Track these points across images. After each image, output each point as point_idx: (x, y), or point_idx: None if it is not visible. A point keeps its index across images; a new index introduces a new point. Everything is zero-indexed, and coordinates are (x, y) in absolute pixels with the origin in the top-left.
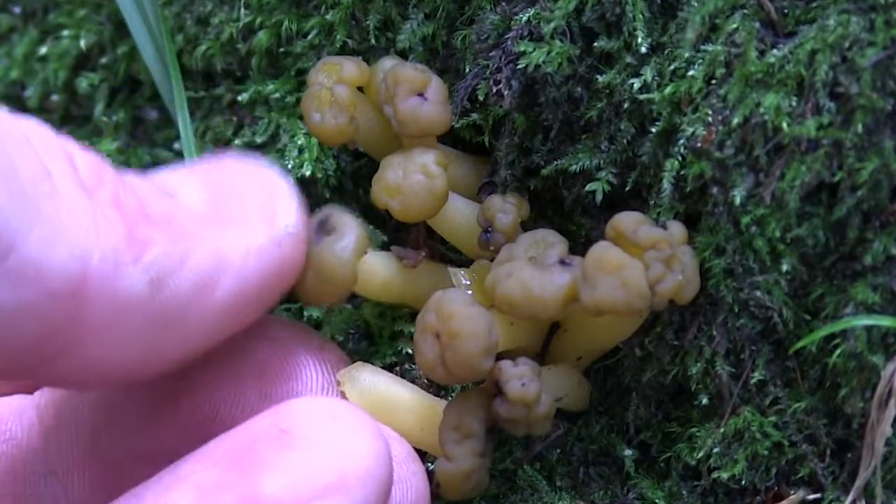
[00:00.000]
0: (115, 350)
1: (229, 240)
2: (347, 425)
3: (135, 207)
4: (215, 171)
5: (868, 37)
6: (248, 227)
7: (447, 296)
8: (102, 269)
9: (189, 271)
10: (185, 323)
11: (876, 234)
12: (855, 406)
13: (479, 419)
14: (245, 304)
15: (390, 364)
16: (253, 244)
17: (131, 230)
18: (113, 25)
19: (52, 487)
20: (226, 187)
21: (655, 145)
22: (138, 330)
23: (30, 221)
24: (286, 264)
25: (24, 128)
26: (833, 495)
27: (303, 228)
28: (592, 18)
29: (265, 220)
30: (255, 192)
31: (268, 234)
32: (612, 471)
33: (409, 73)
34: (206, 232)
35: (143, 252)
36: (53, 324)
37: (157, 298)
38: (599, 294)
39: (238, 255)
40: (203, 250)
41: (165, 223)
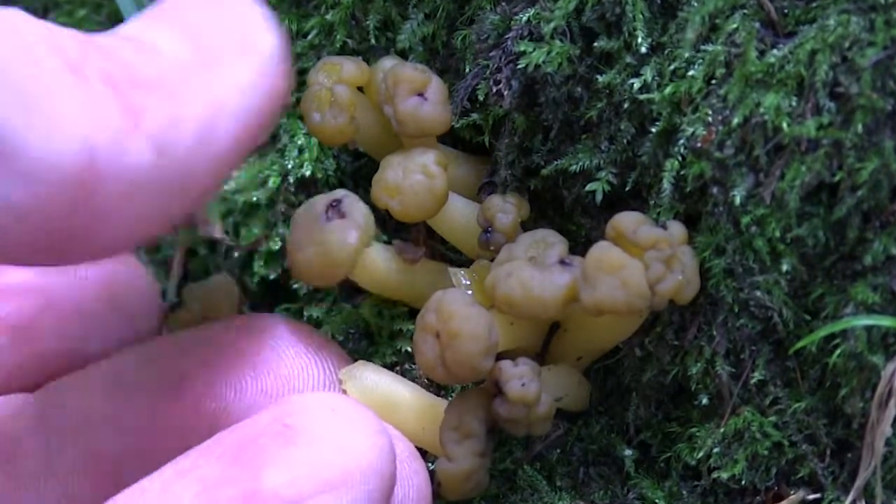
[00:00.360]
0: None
1: (219, 83)
2: (350, 420)
3: (124, 76)
4: (183, 10)
5: (868, 37)
6: (232, 63)
7: (447, 296)
8: (108, 149)
9: (189, 127)
10: (194, 176)
11: (876, 234)
12: (855, 406)
13: (480, 419)
14: (246, 140)
15: (390, 363)
16: (242, 80)
17: (126, 102)
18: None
19: (52, 485)
20: (201, 26)
21: (655, 145)
22: (152, 196)
23: (32, 119)
24: (276, 91)
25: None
26: (833, 495)
27: (283, 49)
28: (592, 18)
29: (247, 52)
30: (229, 23)
31: (253, 66)
32: (612, 471)
33: (409, 73)
34: (196, 81)
35: (141, 121)
36: (69, 212)
37: (165, 162)
38: (599, 294)
39: (230, 96)
40: (197, 102)
41: (157, 84)
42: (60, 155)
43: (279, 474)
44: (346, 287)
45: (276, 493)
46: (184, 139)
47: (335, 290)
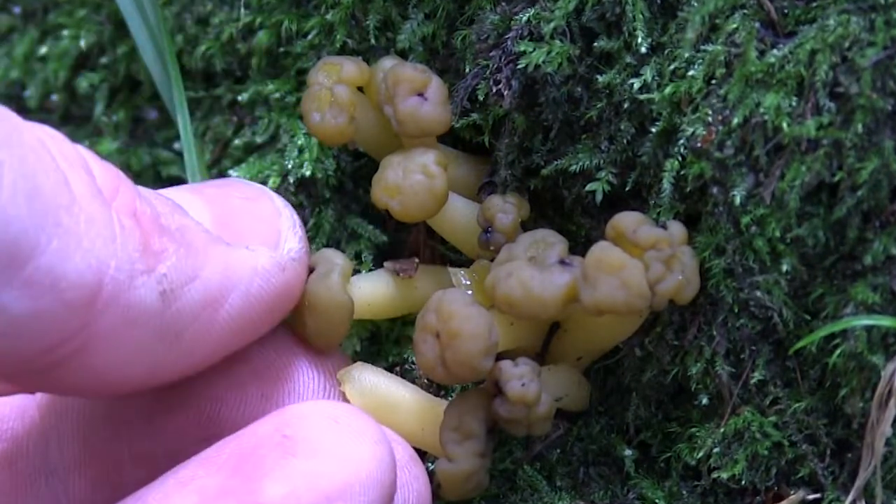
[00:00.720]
0: (123, 360)
1: (237, 259)
2: (351, 430)
3: (150, 218)
4: (219, 191)
5: (868, 37)
6: (254, 249)
7: (447, 296)
8: (117, 278)
9: (199, 285)
10: (192, 336)
11: (876, 234)
12: (855, 406)
13: (480, 420)
14: (249, 323)
15: (391, 364)
16: (259, 266)
17: (147, 240)
18: (113, 25)
19: (53, 487)
20: (231, 209)
21: (655, 145)
22: (147, 341)
23: (49, 232)
24: (289, 288)
25: (40, 135)
26: (833, 495)
27: (305, 256)
28: (592, 18)
29: (270, 244)
30: (260, 215)
31: (273, 257)
32: (612, 471)
33: (409, 73)
34: (215, 248)
35: (157, 263)
36: (66, 331)
37: (167, 310)
38: (599, 294)
39: (245, 274)
40: (213, 266)
41: (179, 236)
42: (70, 271)
43: (279, 486)
44: None
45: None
46: (191, 295)
47: None
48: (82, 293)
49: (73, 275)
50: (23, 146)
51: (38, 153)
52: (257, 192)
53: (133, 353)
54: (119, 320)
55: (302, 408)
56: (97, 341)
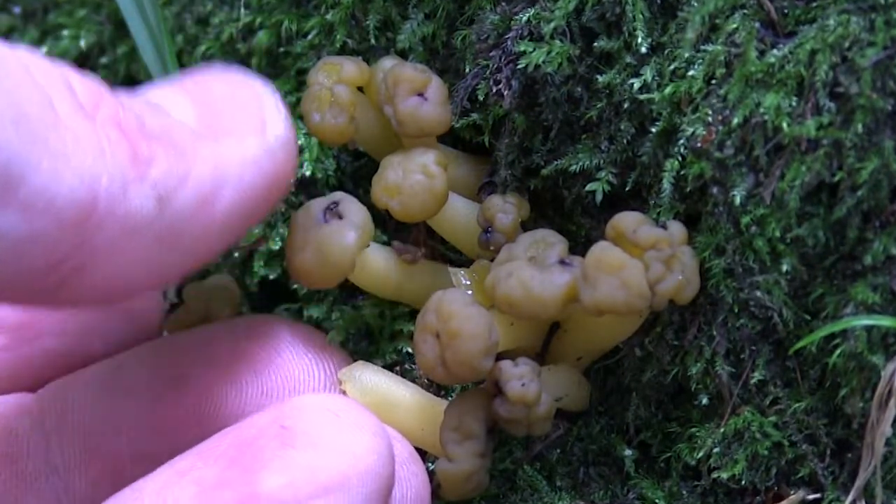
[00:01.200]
0: (126, 269)
1: (225, 153)
2: (350, 422)
3: (135, 126)
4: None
5: (868, 37)
6: (240, 139)
7: (447, 296)
8: (111, 191)
9: (192, 186)
10: (191, 235)
11: (876, 234)
12: (855, 406)
13: (480, 420)
14: (244, 214)
15: (391, 363)
16: (248, 156)
17: (135, 149)
18: (113, 25)
19: (53, 484)
20: (214, 101)
21: (655, 145)
22: (147, 247)
23: (38, 153)
24: (280, 173)
25: (21, 58)
26: (833, 495)
27: (293, 137)
28: (592, 18)
29: (256, 131)
30: (243, 104)
31: (260, 145)
32: (612, 471)
33: (409, 73)
34: (202, 145)
35: (148, 170)
36: (65, 249)
37: (163, 215)
38: (599, 294)
39: (235, 167)
40: (203, 164)
41: (165, 139)
42: (63, 190)
43: (277, 477)
44: (346, 287)
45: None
46: (185, 196)
47: (335, 291)
48: (77, 210)
49: (66, 193)
50: (7, 73)
51: (21, 78)
52: (237, 79)
53: (135, 260)
54: (117, 232)
55: (301, 400)
56: (98, 255)
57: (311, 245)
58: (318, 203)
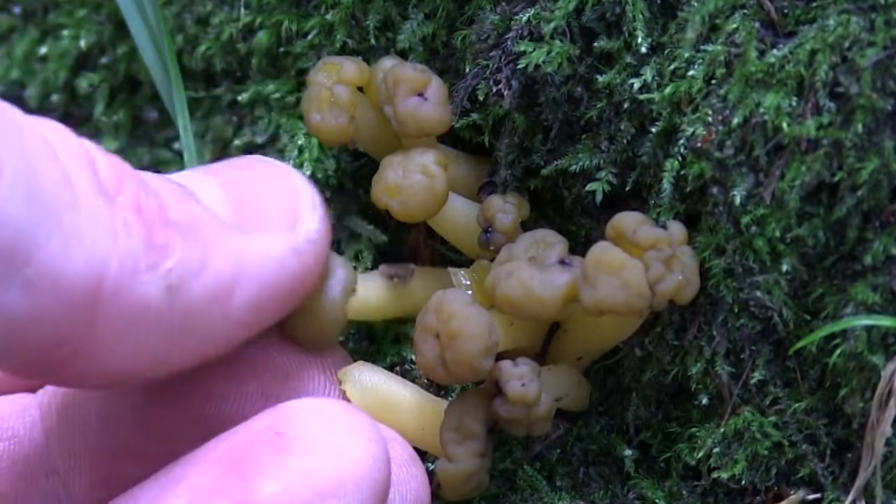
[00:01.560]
0: (129, 355)
1: (249, 247)
2: (345, 428)
3: (156, 212)
4: (237, 172)
5: (868, 37)
6: (268, 233)
7: (447, 296)
8: (120, 276)
9: (207, 278)
10: (201, 330)
11: (876, 234)
12: (855, 406)
13: (480, 420)
14: (261, 313)
15: (391, 364)
16: (273, 252)
17: (151, 236)
18: (113, 25)
19: (53, 485)
20: (247, 191)
21: (655, 145)
22: (154, 336)
23: (49, 231)
24: (305, 273)
25: (44, 130)
26: (833, 495)
27: (324, 237)
28: (592, 18)
29: (286, 226)
30: (277, 196)
31: (288, 241)
32: (612, 471)
33: (409, 73)
34: (226, 238)
35: (162, 258)
36: (69, 330)
37: (173, 305)
38: (599, 294)
39: (257, 263)
40: (222, 257)
41: (186, 228)
42: (70, 271)
43: (271, 484)
44: None
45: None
46: (199, 288)
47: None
48: (83, 292)
49: (73, 274)
50: (23, 143)
51: (39, 150)
52: (277, 170)
53: (142, 348)
54: (123, 318)
55: (295, 405)
56: (102, 339)
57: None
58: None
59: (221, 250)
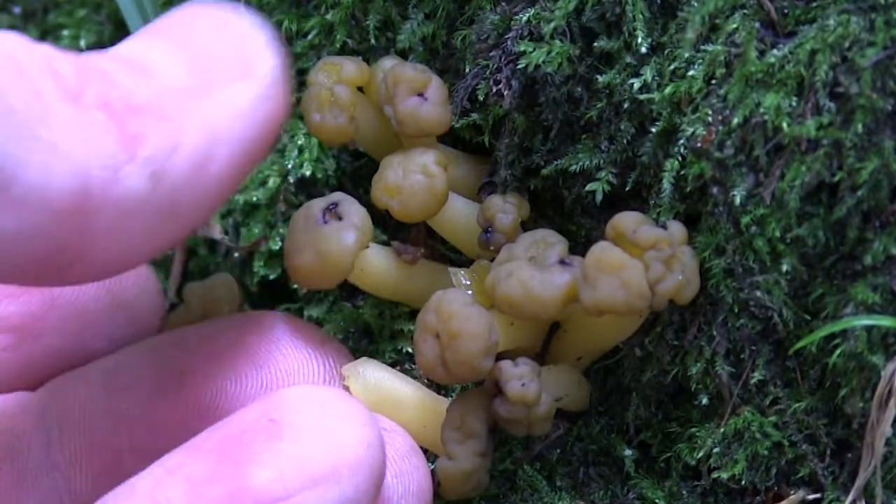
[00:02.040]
0: (128, 244)
1: (216, 108)
2: (338, 413)
3: (122, 101)
4: (184, 30)
5: (868, 37)
6: (231, 88)
7: (447, 296)
8: (102, 177)
9: (185, 153)
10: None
11: (876, 234)
12: (855, 406)
13: (482, 419)
14: (242, 166)
15: (391, 363)
16: (240, 105)
17: (122, 128)
18: (113, 25)
19: (54, 481)
20: (200, 47)
21: (655, 145)
22: (146, 222)
23: (27, 149)
24: (276, 114)
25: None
26: (833, 495)
27: (284, 71)
28: (592, 18)
29: (246, 75)
30: (231, 46)
31: (250, 92)
32: (612, 471)
33: (409, 73)
34: (193, 106)
35: (138, 147)
36: (63, 240)
37: (159, 189)
38: (599, 294)
39: (228, 121)
40: (194, 128)
41: (153, 109)
42: (56, 184)
43: (266, 471)
44: (346, 287)
45: (262, 490)
46: (180, 167)
47: (335, 291)
48: (70, 201)
49: (57, 186)
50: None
51: (6, 67)
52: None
53: (136, 236)
54: (114, 215)
55: (288, 392)
56: (98, 239)
57: (310, 246)
58: (317, 204)
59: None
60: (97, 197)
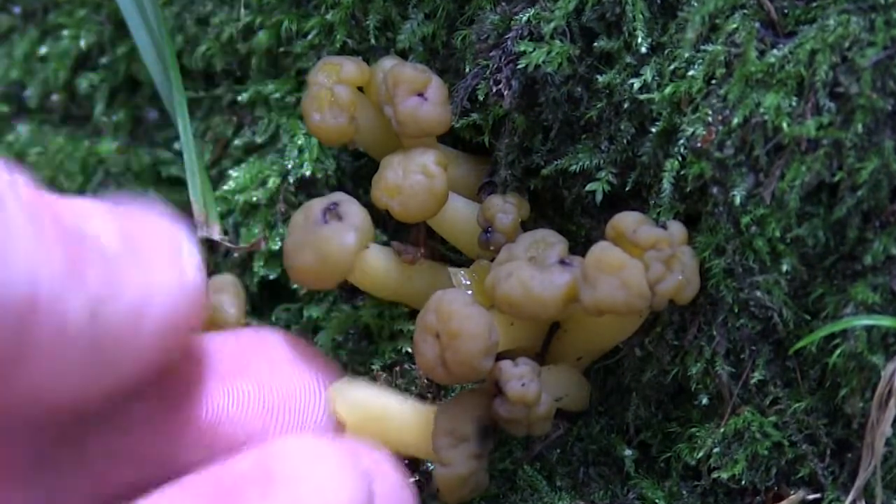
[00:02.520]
0: (57, 375)
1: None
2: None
3: (72, 232)
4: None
5: (868, 37)
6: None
7: (447, 296)
8: (50, 292)
9: (122, 301)
10: (120, 351)
11: (876, 234)
12: (855, 406)
13: (473, 420)
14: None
15: (391, 363)
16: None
17: (72, 259)
18: (113, 25)
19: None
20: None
21: (655, 145)
22: (79, 355)
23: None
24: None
25: None
26: (833, 495)
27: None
28: (592, 18)
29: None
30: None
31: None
32: (612, 471)
33: (409, 74)
34: (127, 269)
35: (84, 278)
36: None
37: (95, 325)
38: (599, 294)
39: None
40: (130, 285)
41: (96, 258)
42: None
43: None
44: (346, 287)
45: None
46: (117, 309)
47: (335, 291)
48: (17, 303)
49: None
50: None
51: None
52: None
53: (68, 368)
54: (54, 334)
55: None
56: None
57: (310, 246)
58: (317, 203)
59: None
60: (43, 309)
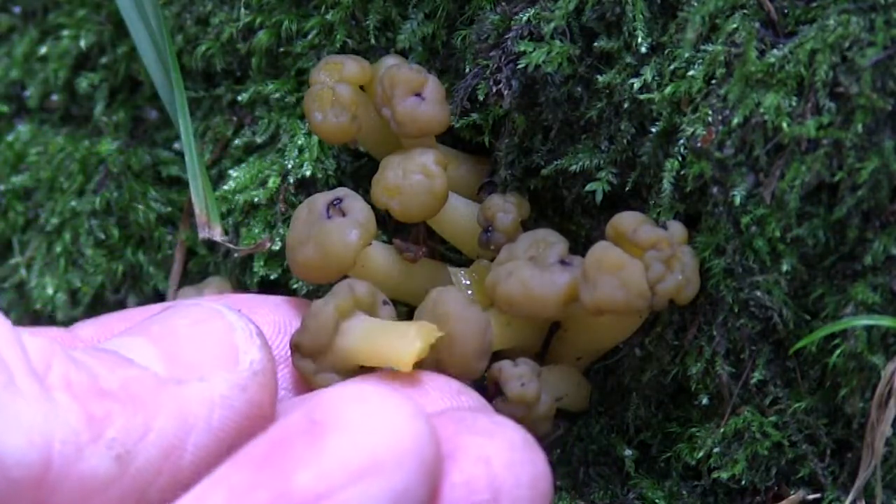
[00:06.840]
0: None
1: (191, 396)
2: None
3: (87, 384)
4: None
5: (868, 37)
6: (208, 377)
7: (442, 296)
8: (64, 453)
9: (154, 438)
10: (160, 489)
11: (876, 234)
12: (855, 406)
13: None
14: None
15: None
16: (216, 394)
17: (87, 409)
18: (113, 25)
19: None
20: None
21: (655, 145)
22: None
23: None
24: (256, 403)
25: None
26: (833, 495)
27: (269, 363)
28: (592, 18)
29: (226, 365)
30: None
31: (230, 380)
32: (612, 471)
33: (406, 74)
34: (166, 393)
35: (104, 429)
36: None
37: (126, 472)
38: (600, 294)
39: (202, 410)
40: (165, 414)
41: (123, 394)
42: (13, 453)
43: (309, 471)
44: None
45: (307, 490)
46: (147, 450)
47: None
48: (28, 473)
49: (15, 455)
50: None
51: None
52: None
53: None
54: (75, 494)
55: (329, 392)
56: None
57: (313, 240)
58: (321, 198)
59: (163, 407)
60: (57, 472)
